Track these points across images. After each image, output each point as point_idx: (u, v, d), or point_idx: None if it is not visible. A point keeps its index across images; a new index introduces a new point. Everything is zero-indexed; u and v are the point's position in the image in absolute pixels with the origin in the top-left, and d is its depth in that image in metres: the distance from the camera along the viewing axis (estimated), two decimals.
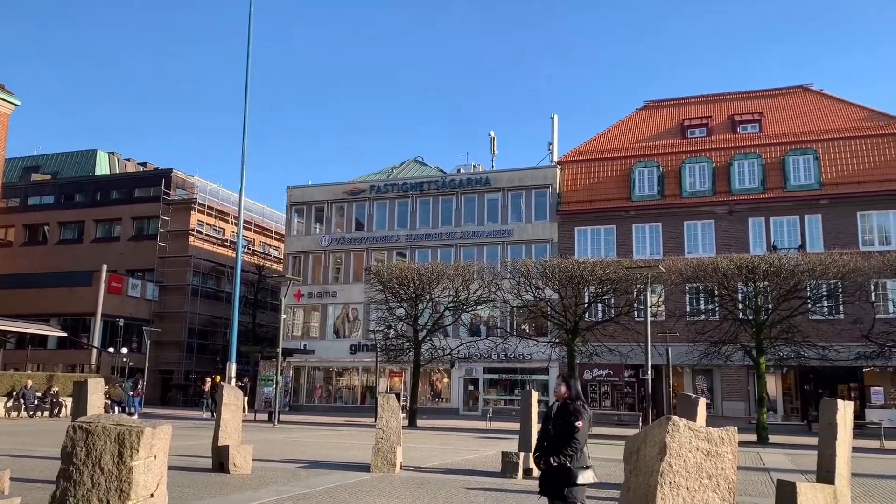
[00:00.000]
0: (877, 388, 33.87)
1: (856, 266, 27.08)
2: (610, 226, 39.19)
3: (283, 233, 49.21)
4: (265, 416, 32.50)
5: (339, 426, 29.31)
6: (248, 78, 32.05)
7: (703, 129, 41.20)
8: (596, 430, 28.90)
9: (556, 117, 46.57)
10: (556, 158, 43.82)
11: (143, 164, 64.37)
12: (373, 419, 22.14)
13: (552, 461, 5.70)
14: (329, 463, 14.57)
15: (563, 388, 6.18)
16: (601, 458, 17.01)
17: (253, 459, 13.03)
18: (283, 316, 35.17)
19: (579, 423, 5.77)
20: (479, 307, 33.98)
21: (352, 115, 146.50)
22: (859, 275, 27.70)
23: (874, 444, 24.61)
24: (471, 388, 41.06)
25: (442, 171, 48.94)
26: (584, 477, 5.75)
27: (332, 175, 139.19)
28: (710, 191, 37.82)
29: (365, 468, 13.50)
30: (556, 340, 31.49)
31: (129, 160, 64.30)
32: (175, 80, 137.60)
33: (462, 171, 46.76)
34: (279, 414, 30.74)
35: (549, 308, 30.46)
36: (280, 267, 51.30)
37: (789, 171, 36.79)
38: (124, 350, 42.35)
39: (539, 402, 15.97)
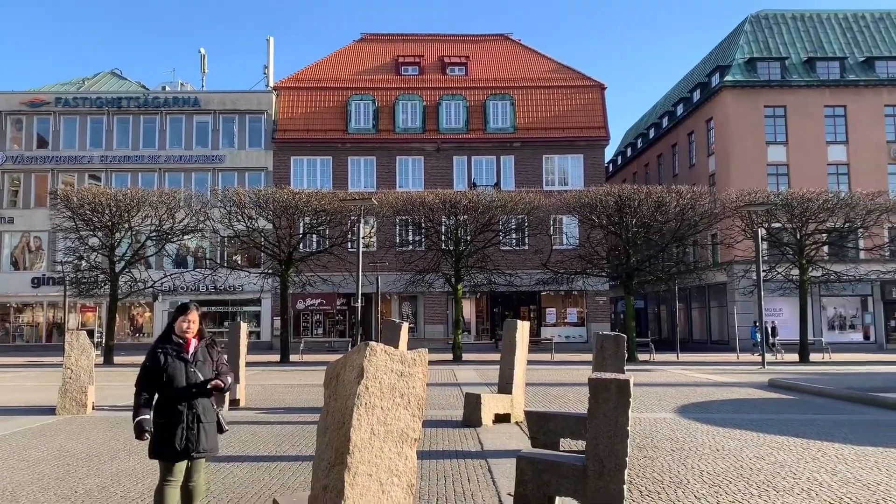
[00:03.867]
0: (551, 308, 39.06)
1: (539, 203, 30.52)
2: (326, 157, 39.29)
3: None
4: None
5: (19, 367, 26.17)
6: None
7: (415, 68, 42.69)
8: (308, 357, 29.53)
9: (272, 40, 44.89)
10: (271, 83, 42.43)
11: None
12: (61, 358, 20.10)
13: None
14: (7, 408, 12.98)
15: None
16: (308, 385, 17.42)
17: None
18: None
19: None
20: (186, 237, 32.15)
21: (37, 15, 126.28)
22: (542, 211, 31.30)
23: (547, 356, 28.50)
24: None
25: (144, 87, 44.70)
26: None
27: (8, 83, 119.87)
28: (421, 128, 39.61)
29: (51, 411, 12.29)
30: (270, 271, 31.11)
31: None
32: None
33: (168, 88, 43.15)
34: None
35: (262, 239, 29.89)
36: None
37: (489, 114, 39.85)
38: None
39: (250, 332, 15.75)
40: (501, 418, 10.66)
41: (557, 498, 5.73)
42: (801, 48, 41.64)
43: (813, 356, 28.64)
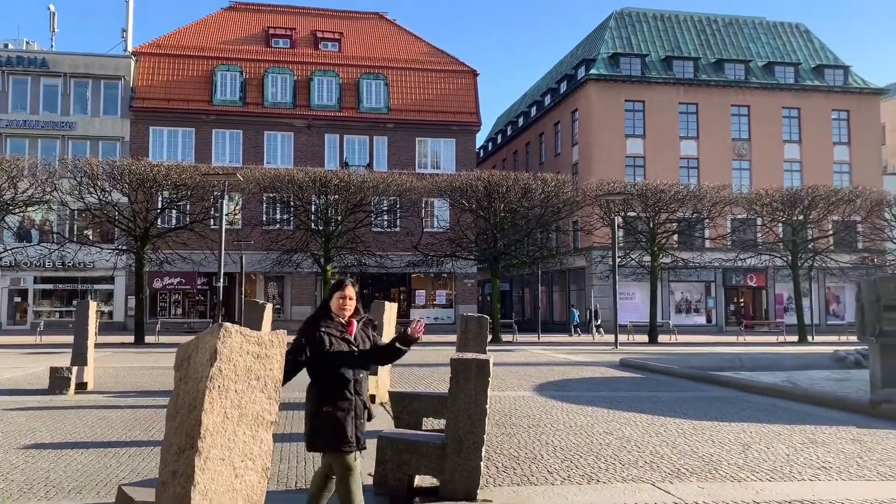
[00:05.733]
0: (420, 290, 39.44)
1: (412, 186, 30.64)
2: (189, 128, 37.46)
3: None
4: None
5: None
6: None
7: (286, 40, 41.46)
8: (164, 338, 28.19)
9: (131, 2, 42.01)
10: (130, 48, 39.81)
11: None
12: None
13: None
14: None
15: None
16: (164, 367, 16.66)
17: None
18: None
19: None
20: (29, 209, 29.69)
21: None
22: (414, 193, 31.46)
23: None
24: (18, 299, 36.14)
25: None
26: None
27: None
28: (291, 103, 38.58)
29: None
30: (124, 248, 29.34)
31: None
32: None
33: (11, 46, 39.47)
34: None
35: (116, 213, 28.11)
36: None
37: (363, 93, 39.43)
38: None
39: (100, 312, 14.80)
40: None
41: (417, 476, 5.81)
42: (661, 46, 44.12)
43: (661, 337, 30.65)
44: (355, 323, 4.47)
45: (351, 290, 4.48)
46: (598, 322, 34.87)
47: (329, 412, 4.28)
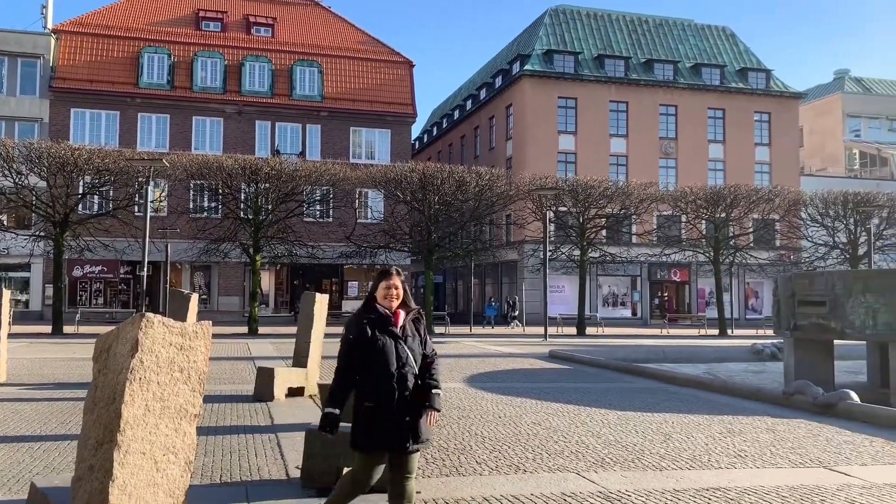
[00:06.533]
0: (353, 282, 39.18)
1: (345, 176, 30.31)
2: (113, 111, 36.08)
3: None
4: None
5: None
6: None
7: (217, 24, 40.38)
8: (84, 329, 27.14)
9: None
10: (50, 25, 38.01)
11: None
12: None
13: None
14: None
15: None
16: (82, 358, 16.05)
17: None
18: None
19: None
20: None
21: None
22: (348, 184, 31.15)
23: None
24: None
25: None
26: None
27: None
28: (221, 88, 37.62)
29: None
30: (42, 234, 28.04)
31: None
32: None
33: None
34: None
35: (34, 197, 26.82)
36: None
37: (296, 80, 38.77)
38: None
39: (14, 301, 14.13)
40: (296, 392, 10.53)
41: (346, 469, 5.77)
42: (593, 45, 44.93)
43: (589, 330, 31.32)
44: (401, 314, 4.21)
45: (397, 279, 4.19)
46: (515, 313, 35.44)
47: (369, 407, 4.05)
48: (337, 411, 4.07)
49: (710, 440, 7.94)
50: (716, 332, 32.14)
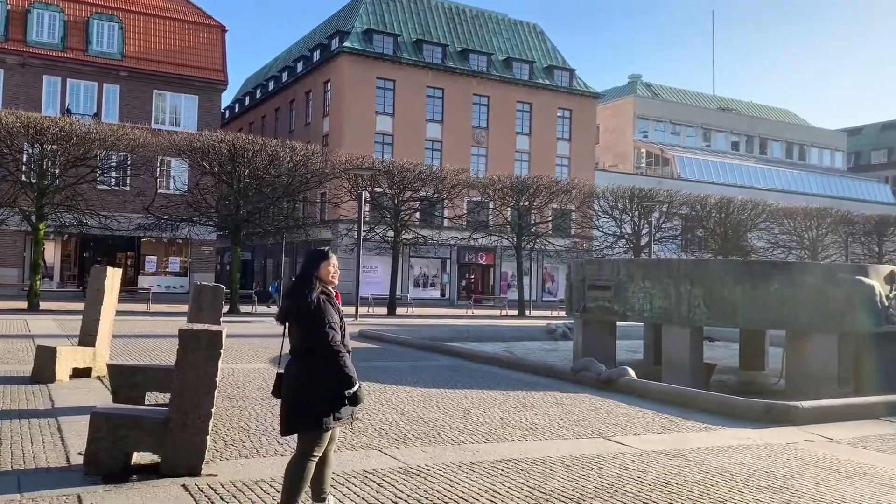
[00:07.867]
0: (151, 256, 36.76)
1: (146, 141, 28.24)
2: None
3: None
4: None
5: None
6: None
7: None
8: None
9: None
10: None
11: None
12: None
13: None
14: None
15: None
16: None
17: None
18: None
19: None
20: None
21: None
22: (148, 150, 29.09)
23: (143, 307, 26.80)
24: None
25: None
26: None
27: None
28: (3, 37, 33.48)
29: None
30: None
31: None
32: None
33: None
34: None
35: None
36: None
37: (93, 34, 35.40)
38: None
39: None
40: (81, 373, 9.72)
41: (136, 454, 5.45)
42: (412, 29, 45.39)
43: (399, 310, 31.87)
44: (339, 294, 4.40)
45: (336, 260, 4.52)
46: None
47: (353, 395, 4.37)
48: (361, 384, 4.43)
49: (505, 414, 8.41)
50: (515, 312, 34.03)
